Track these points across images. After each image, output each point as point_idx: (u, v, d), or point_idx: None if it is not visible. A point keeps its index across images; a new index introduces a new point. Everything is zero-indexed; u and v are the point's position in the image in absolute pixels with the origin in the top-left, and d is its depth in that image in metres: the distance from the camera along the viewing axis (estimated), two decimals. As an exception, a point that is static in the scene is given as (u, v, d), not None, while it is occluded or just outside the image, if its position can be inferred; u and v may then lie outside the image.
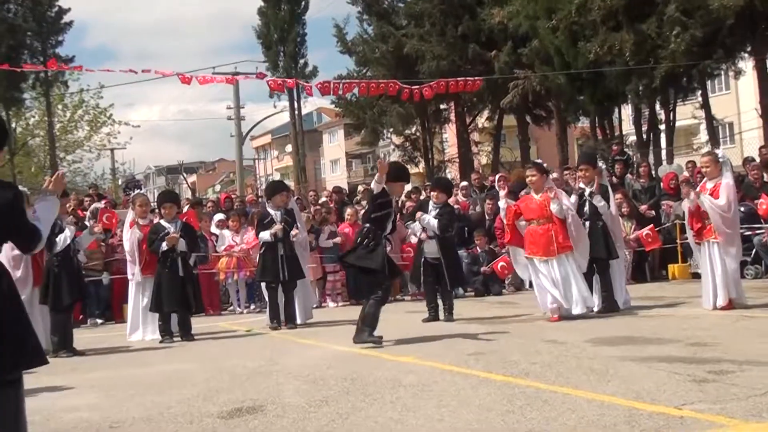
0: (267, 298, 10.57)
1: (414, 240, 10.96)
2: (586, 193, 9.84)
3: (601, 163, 10.73)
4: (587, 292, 9.22)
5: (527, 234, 9.37)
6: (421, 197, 15.50)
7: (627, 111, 29.62)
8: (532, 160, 10.35)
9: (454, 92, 21.88)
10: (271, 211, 10.34)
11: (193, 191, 69.97)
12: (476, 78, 19.25)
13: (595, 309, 9.59)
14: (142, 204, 10.24)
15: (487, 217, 15.02)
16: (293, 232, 10.31)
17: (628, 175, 15.76)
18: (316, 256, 13.60)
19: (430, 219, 9.82)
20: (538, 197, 9.37)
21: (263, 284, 10.66)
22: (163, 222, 9.78)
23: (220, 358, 7.85)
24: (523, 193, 10.54)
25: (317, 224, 14.18)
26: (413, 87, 18.62)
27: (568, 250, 9.17)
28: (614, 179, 15.59)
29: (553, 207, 9.18)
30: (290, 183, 45.60)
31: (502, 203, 9.77)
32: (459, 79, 18.90)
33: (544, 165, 9.74)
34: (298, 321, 10.49)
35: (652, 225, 13.94)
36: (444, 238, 9.94)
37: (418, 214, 9.95)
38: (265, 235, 10.11)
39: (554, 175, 12.30)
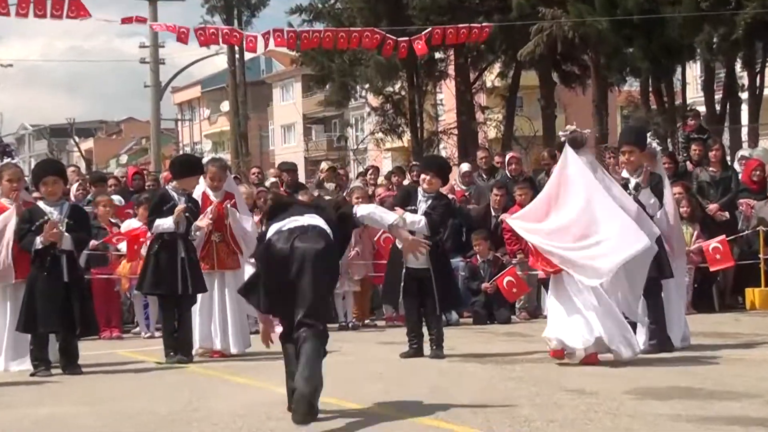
0: (161, 318, 10.57)
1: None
2: (630, 185, 9.82)
3: (652, 142, 10.66)
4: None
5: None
6: (405, 182, 15.50)
7: (694, 71, 29.86)
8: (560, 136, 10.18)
9: (454, 44, 21.91)
10: (174, 195, 10.30)
11: (89, 162, 69.90)
12: (485, 24, 19.19)
13: (639, 347, 9.61)
14: (12, 178, 10.08)
15: (493, 214, 15.00)
16: (200, 222, 10.26)
17: (688, 163, 15.85)
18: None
19: (415, 218, 9.72)
20: None
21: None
22: (42, 204, 9.67)
23: (119, 399, 7.78)
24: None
25: (262, 216, 14.11)
26: (400, 39, 18.55)
27: None
28: (690, 166, 15.63)
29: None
30: (226, 155, 45.69)
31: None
32: (461, 26, 18.80)
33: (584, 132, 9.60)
34: (233, 350, 10.50)
35: (723, 236, 13.92)
36: (434, 242, 9.90)
37: (398, 211, 9.71)
38: (166, 223, 10.04)
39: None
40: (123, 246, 13.29)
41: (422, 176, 10.20)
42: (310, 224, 6.64)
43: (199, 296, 10.40)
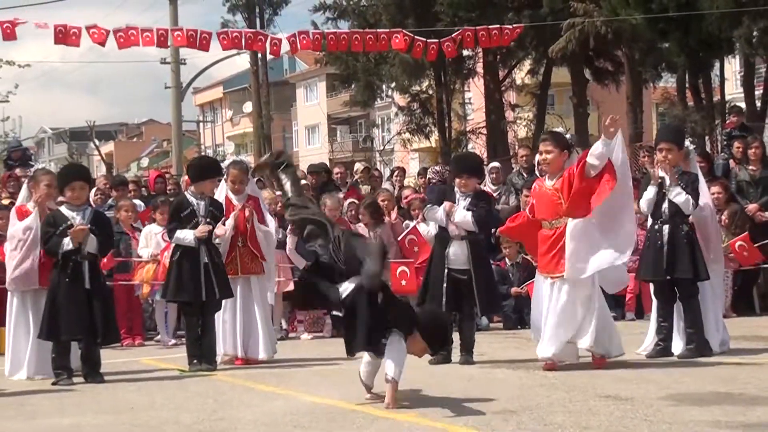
0: (185, 327, 10.59)
1: (428, 231, 10.78)
2: (667, 184, 9.85)
3: (689, 143, 10.71)
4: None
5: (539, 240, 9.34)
6: (432, 180, 15.51)
7: (733, 66, 29.68)
8: (549, 131, 10.30)
9: (486, 47, 21.83)
10: (192, 200, 10.31)
11: (109, 166, 70.23)
12: (516, 26, 19.14)
13: (678, 352, 9.60)
14: (51, 183, 10.19)
15: (526, 215, 15.02)
16: (218, 230, 10.29)
17: (731, 161, 15.77)
18: (283, 266, 13.58)
19: (462, 212, 9.79)
20: (550, 184, 9.29)
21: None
22: (64, 209, 9.75)
23: (142, 408, 7.82)
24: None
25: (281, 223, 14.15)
26: (429, 41, 18.55)
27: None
28: (733, 164, 15.54)
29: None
30: (249, 158, 45.78)
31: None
32: (492, 27, 18.75)
33: (567, 136, 9.68)
34: (261, 356, 10.53)
35: (746, 234, 13.92)
36: (476, 240, 9.95)
37: (448, 205, 9.92)
38: (188, 237, 10.07)
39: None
40: (144, 252, 13.38)
41: (458, 179, 10.18)
42: None
43: (224, 302, 10.44)
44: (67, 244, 9.44)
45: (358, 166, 17.80)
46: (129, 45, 17.64)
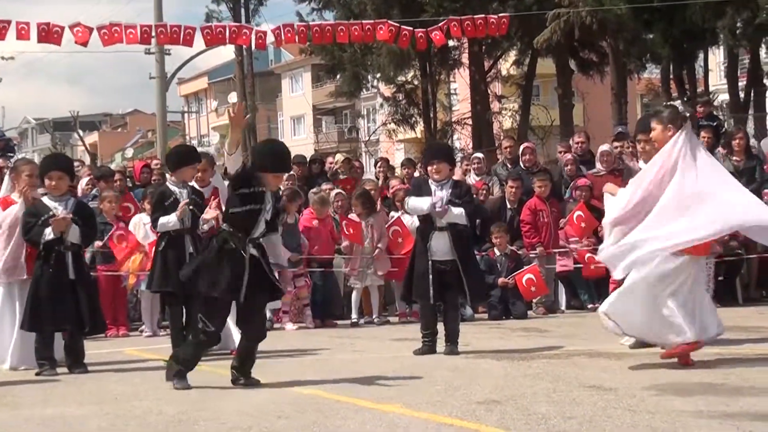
0: (169, 317, 10.61)
1: (412, 222, 10.71)
2: None
3: None
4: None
5: None
6: (416, 174, 15.54)
7: (717, 57, 29.74)
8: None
9: (472, 37, 21.80)
10: (175, 189, 10.28)
11: (93, 156, 69.98)
12: (502, 15, 19.09)
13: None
14: (32, 173, 10.16)
15: (508, 206, 15.04)
16: (207, 215, 10.23)
17: (719, 149, 15.79)
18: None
19: (452, 211, 9.80)
20: None
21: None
22: (46, 200, 9.72)
23: (126, 399, 7.81)
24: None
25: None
26: (417, 30, 18.51)
27: None
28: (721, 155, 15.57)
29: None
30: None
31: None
32: (478, 17, 18.71)
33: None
34: (232, 346, 10.45)
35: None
36: (457, 230, 9.96)
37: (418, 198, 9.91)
38: (171, 220, 10.03)
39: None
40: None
41: (431, 166, 10.16)
42: None
43: None
44: (49, 233, 9.42)
45: (339, 157, 17.78)
46: (113, 42, 17.55)
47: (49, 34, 17.17)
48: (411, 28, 18.57)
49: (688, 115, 8.89)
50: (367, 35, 18.74)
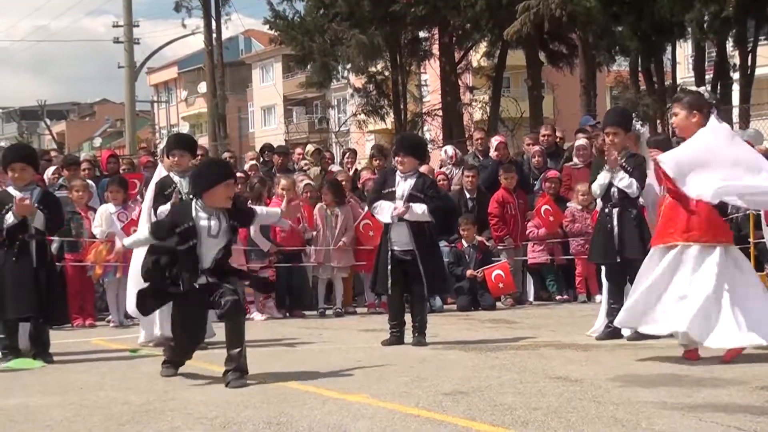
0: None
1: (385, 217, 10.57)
2: (607, 168, 9.93)
3: (636, 124, 10.74)
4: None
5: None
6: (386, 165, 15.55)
7: (685, 50, 29.88)
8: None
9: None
10: (176, 179, 10.28)
11: (61, 145, 69.58)
12: None
13: (627, 334, 9.66)
14: None
15: (468, 196, 15.06)
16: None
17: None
18: (236, 248, 13.52)
19: (414, 210, 9.80)
20: None
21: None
22: (11, 190, 9.66)
23: (91, 389, 7.78)
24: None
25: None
26: None
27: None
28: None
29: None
30: (203, 139, 45.59)
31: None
32: None
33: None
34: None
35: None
36: (418, 222, 9.96)
37: (383, 204, 9.91)
38: (167, 208, 10.01)
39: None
40: (97, 231, 13.28)
41: (396, 158, 10.19)
42: None
43: None
44: (9, 218, 9.36)
45: (309, 148, 17.75)
46: None
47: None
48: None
49: (714, 102, 8.54)
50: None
